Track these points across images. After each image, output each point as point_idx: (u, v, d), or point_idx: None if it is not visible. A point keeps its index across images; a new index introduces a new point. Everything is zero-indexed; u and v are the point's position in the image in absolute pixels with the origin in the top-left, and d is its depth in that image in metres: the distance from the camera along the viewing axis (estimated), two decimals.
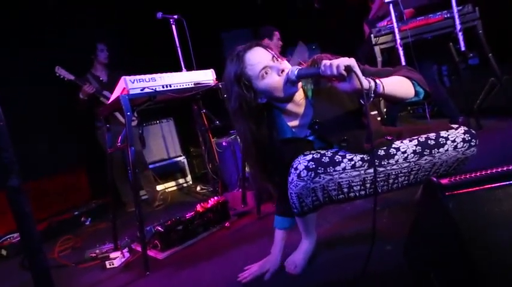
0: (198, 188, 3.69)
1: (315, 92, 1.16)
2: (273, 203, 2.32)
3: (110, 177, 2.17)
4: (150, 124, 4.06)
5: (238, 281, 1.29)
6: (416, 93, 1.06)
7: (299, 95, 1.15)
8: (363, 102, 0.96)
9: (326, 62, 0.93)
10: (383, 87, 0.97)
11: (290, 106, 1.16)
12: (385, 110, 2.93)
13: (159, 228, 1.89)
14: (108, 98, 3.00)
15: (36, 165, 3.31)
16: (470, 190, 0.63)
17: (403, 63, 2.68)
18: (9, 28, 3.36)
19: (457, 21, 2.59)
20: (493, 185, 0.63)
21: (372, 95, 0.95)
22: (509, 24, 3.25)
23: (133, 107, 1.84)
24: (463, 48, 2.62)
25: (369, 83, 0.95)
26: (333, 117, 1.13)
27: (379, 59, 2.73)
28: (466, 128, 1.14)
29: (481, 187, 0.63)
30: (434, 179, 0.69)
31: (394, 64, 2.77)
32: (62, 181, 3.64)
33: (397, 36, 2.66)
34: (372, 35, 2.75)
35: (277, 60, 1.10)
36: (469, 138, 1.11)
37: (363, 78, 0.92)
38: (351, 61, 0.91)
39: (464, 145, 1.10)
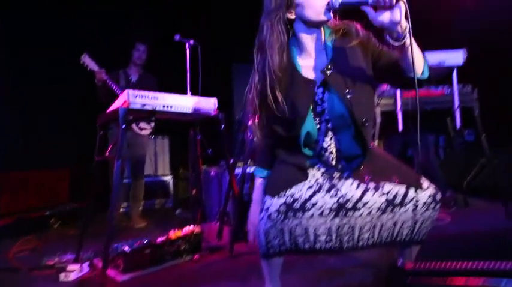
0: (178, 211, 3.60)
1: (336, 42, 1.19)
2: (247, 243, 2.26)
3: (93, 183, 2.12)
4: None
5: None
6: (423, 73, 1.09)
7: (315, 37, 1.18)
8: (392, 38, 1.00)
9: None
10: (410, 40, 0.99)
11: (307, 39, 1.18)
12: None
13: (126, 248, 1.81)
14: None
15: (20, 156, 3.25)
16: (432, 280, 0.62)
17: (401, 128, 2.75)
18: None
19: (456, 99, 2.69)
20: (454, 279, 0.62)
21: (402, 36, 0.98)
22: (508, 110, 3.39)
23: (136, 118, 1.85)
24: (458, 126, 2.70)
25: (406, 26, 0.98)
26: (347, 73, 1.14)
27: (378, 119, 2.80)
28: (433, 191, 1.13)
29: (444, 280, 0.62)
30: (401, 261, 0.67)
31: (392, 128, 2.86)
32: (44, 176, 3.54)
33: (399, 102, 2.76)
34: (375, 95, 2.84)
35: None
36: (431, 201, 1.12)
37: (404, 16, 0.96)
38: None
39: (423, 207, 1.11)
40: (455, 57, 2.69)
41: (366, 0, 0.99)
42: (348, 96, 1.12)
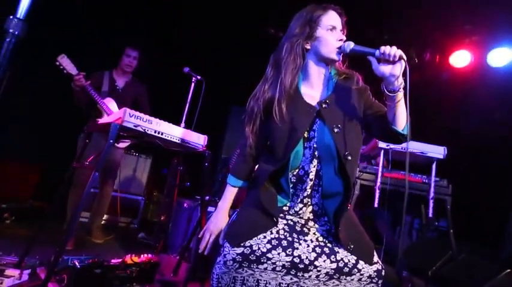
0: (140, 235, 3.48)
1: (338, 82, 1.31)
2: (203, 284, 2.19)
3: (62, 187, 2.07)
4: (128, 153, 4.03)
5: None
6: (403, 129, 1.20)
7: (322, 71, 1.32)
8: (387, 89, 1.13)
9: (387, 46, 1.12)
10: (401, 96, 1.13)
11: (314, 71, 1.31)
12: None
13: (76, 262, 1.74)
14: (104, 110, 2.69)
15: None
16: None
17: (376, 204, 2.83)
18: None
19: (432, 190, 2.82)
20: None
21: (397, 89, 1.12)
22: (481, 208, 3.55)
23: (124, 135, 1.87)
24: (430, 215, 2.81)
25: (401, 82, 1.12)
26: (341, 111, 1.24)
27: (357, 192, 2.88)
28: (380, 267, 1.20)
29: None
30: None
31: (368, 202, 2.94)
32: (13, 167, 3.43)
33: (379, 180, 2.87)
34: (357, 169, 2.95)
35: (343, 33, 1.30)
36: (375, 276, 1.19)
37: (401, 72, 1.10)
38: (403, 55, 1.11)
39: (367, 280, 1.18)
40: (437, 151, 2.88)
41: (373, 52, 1.15)
42: (336, 130, 1.22)
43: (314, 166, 1.24)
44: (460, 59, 3.89)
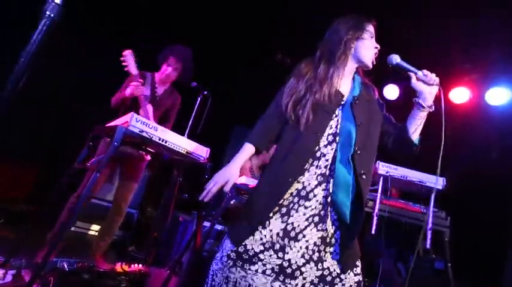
0: (131, 248, 3.39)
1: (362, 87, 1.43)
2: None
3: (57, 188, 2.04)
4: None
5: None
6: (416, 139, 1.36)
7: (351, 72, 1.44)
8: (420, 101, 1.30)
9: (429, 71, 1.30)
10: (426, 114, 1.32)
11: (347, 70, 1.41)
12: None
13: (65, 265, 1.68)
14: (144, 117, 2.31)
15: None
16: None
17: (373, 231, 2.79)
18: None
19: (430, 220, 2.79)
20: None
21: (430, 106, 1.30)
22: (479, 245, 3.50)
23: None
24: (428, 246, 2.75)
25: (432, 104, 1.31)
26: (365, 110, 1.36)
27: None
28: (360, 278, 1.27)
29: None
30: None
31: (365, 227, 2.90)
32: (11, 167, 3.39)
33: (377, 206, 2.85)
34: (372, 168, 2.92)
35: None
36: (355, 286, 1.25)
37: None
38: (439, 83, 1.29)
39: None
40: (435, 181, 2.88)
41: (416, 71, 1.31)
42: (360, 123, 1.32)
43: (332, 149, 1.31)
44: (459, 95, 4.00)
